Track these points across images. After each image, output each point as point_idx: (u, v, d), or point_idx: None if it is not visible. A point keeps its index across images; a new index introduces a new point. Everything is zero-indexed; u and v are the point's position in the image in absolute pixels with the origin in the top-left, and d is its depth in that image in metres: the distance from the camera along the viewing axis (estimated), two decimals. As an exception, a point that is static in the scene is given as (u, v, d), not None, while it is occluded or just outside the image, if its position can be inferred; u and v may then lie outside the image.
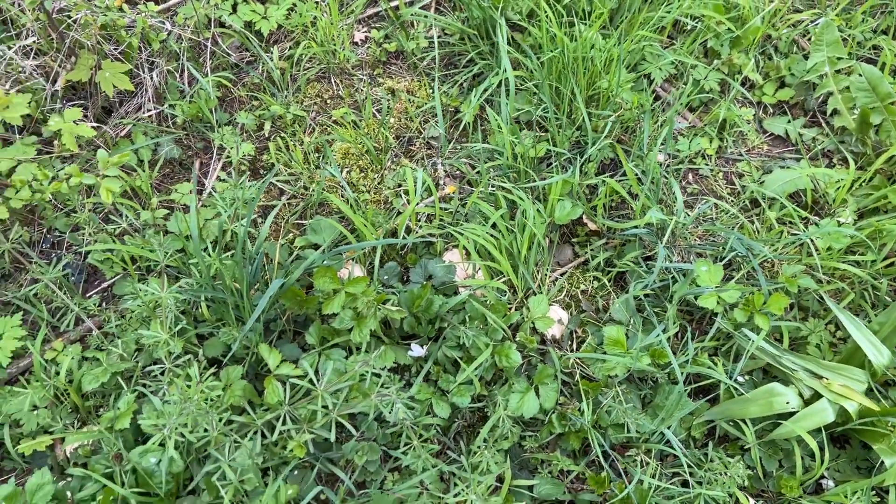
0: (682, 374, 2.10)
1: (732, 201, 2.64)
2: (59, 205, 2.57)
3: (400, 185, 2.66)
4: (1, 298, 2.44)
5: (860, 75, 2.67)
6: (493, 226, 2.39)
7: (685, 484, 2.19)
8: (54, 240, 2.63)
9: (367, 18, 3.09)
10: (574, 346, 2.40)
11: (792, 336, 2.34)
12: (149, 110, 2.79)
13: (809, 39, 2.94)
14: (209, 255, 2.27)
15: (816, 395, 2.14)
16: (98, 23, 2.55)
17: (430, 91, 2.87)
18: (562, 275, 2.50)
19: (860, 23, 2.96)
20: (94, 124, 2.68)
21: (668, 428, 2.17)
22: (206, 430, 1.92)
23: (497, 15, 2.61)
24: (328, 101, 2.87)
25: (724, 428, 2.25)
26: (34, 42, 2.53)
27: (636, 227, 2.42)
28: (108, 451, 2.09)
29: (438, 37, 2.94)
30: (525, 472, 2.26)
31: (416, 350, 2.29)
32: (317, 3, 2.93)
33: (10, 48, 2.40)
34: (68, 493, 2.09)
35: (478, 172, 2.63)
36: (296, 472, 2.16)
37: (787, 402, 2.11)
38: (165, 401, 1.92)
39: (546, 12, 2.54)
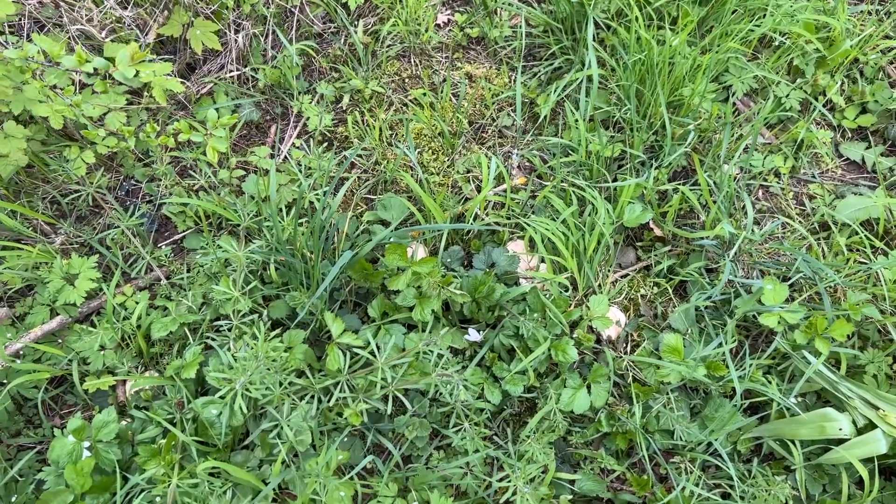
0: (740, 388, 2.12)
1: (801, 222, 2.62)
2: (139, 155, 2.64)
3: (469, 171, 2.69)
4: (77, 239, 2.53)
5: (947, 109, 2.63)
6: (562, 221, 2.41)
7: (725, 496, 2.21)
8: (130, 188, 2.70)
9: (451, 1, 3.11)
10: (628, 348, 2.42)
11: (849, 363, 2.33)
12: (231, 71, 2.85)
13: (897, 67, 2.89)
14: (283, 219, 2.32)
15: (870, 425, 2.14)
16: (195, -19, 2.60)
17: (508, 80, 2.88)
18: (623, 277, 2.51)
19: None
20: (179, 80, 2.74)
21: (716, 440, 2.18)
22: (268, 389, 1.98)
23: (589, 9, 2.61)
24: (406, 80, 2.89)
25: (771, 446, 2.25)
26: (132, -6, 2.60)
27: (705, 237, 2.42)
28: (171, 398, 2.17)
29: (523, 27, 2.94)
30: (567, 465, 2.29)
31: (473, 335, 2.33)
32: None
33: (112, -2, 2.47)
34: (129, 433, 2.17)
35: (549, 167, 2.64)
36: (346, 440, 2.21)
37: (840, 429, 2.11)
38: (234, 356, 1.98)
39: (636, 14, 2.54)
